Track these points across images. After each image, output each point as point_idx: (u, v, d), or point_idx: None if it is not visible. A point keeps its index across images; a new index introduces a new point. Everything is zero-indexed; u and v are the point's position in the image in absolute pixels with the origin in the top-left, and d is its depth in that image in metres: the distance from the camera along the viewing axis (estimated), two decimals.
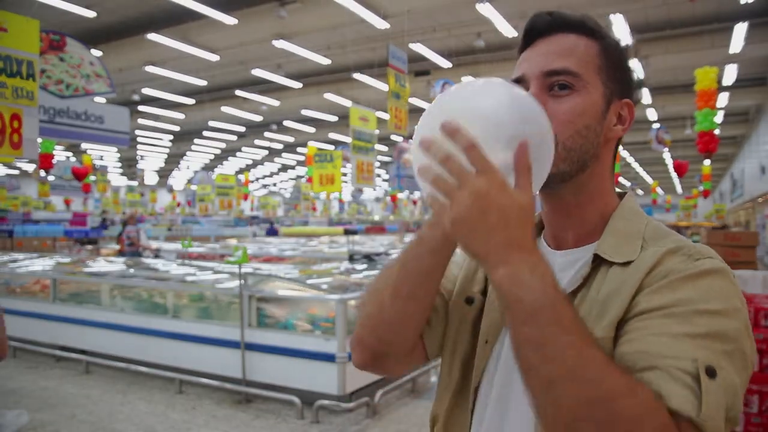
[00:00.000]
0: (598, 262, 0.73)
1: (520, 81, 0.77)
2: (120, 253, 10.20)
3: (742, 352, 0.62)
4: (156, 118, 19.22)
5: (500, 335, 0.80)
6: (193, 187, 23.97)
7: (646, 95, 15.05)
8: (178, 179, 36.40)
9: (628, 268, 0.70)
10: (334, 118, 19.16)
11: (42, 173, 17.87)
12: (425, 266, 0.77)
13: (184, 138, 23.71)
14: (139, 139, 23.13)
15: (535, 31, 0.79)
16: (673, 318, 0.62)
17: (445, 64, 12.47)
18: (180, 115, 18.64)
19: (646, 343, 0.61)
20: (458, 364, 0.85)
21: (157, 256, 9.94)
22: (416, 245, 0.78)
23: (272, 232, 19.77)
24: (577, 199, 0.78)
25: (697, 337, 0.60)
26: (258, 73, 13.69)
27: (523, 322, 0.59)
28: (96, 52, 7.89)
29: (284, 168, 34.19)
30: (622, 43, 0.79)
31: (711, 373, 0.58)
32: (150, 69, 13.36)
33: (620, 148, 0.90)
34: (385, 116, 8.85)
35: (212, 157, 29.37)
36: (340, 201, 35.30)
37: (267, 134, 22.64)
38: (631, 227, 0.75)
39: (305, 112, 18.59)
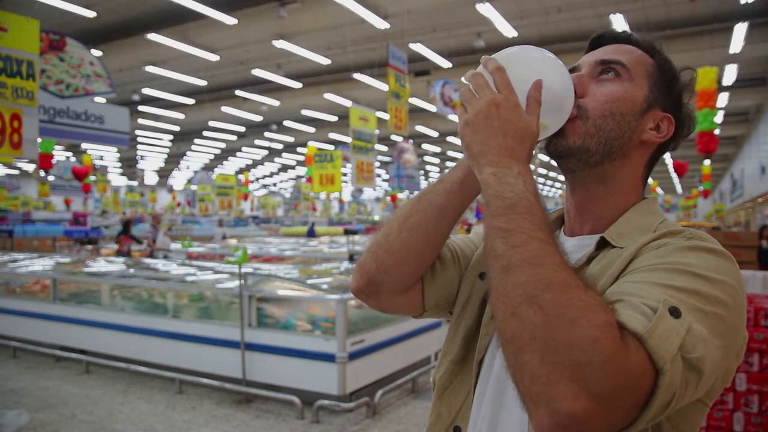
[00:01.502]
0: (602, 243, 0.75)
1: (575, 70, 0.82)
2: (119, 254, 10.17)
3: (722, 321, 0.60)
4: (156, 118, 19.22)
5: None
6: (193, 187, 23.99)
7: None
8: (178, 179, 36.40)
9: (622, 249, 0.72)
10: (334, 118, 19.16)
11: (42, 173, 17.88)
12: (438, 202, 0.82)
13: (184, 138, 23.71)
14: (139, 139, 23.14)
15: (601, 39, 0.85)
16: (655, 271, 0.63)
17: (445, 64, 12.47)
18: (180, 115, 18.64)
19: (622, 286, 0.63)
20: (461, 335, 0.86)
21: (165, 257, 9.89)
22: (437, 183, 0.84)
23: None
24: (600, 190, 0.79)
25: (672, 288, 0.59)
26: (258, 73, 13.69)
27: (498, 215, 0.62)
28: (96, 52, 7.90)
29: (284, 168, 34.19)
30: (680, 72, 0.83)
31: (673, 311, 0.56)
32: (150, 69, 13.36)
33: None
34: (385, 116, 8.86)
35: (212, 157, 29.37)
36: (340, 201, 35.32)
37: (267, 134, 22.64)
38: (644, 221, 0.77)
39: (305, 112, 18.59)
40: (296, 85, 14.62)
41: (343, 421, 4.17)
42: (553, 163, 0.81)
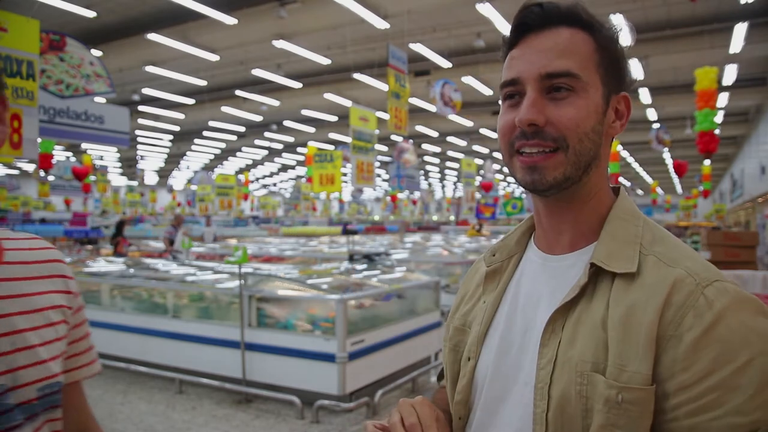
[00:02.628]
0: (595, 269, 0.70)
1: (514, 83, 0.72)
2: (117, 254, 10.14)
3: None
4: (156, 118, 19.22)
5: (480, 351, 0.79)
6: (193, 187, 23.99)
7: (645, 95, 15.04)
8: (178, 179, 36.40)
9: (633, 286, 0.66)
10: (334, 118, 19.16)
11: (42, 173, 17.88)
12: None
13: (184, 138, 23.71)
14: (139, 139, 23.13)
15: (525, 26, 0.73)
16: (727, 394, 0.59)
17: (445, 64, 12.47)
18: (180, 115, 18.63)
19: None
20: (449, 385, 0.86)
21: (174, 258, 9.75)
22: None
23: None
24: (575, 201, 0.75)
25: (757, 409, 0.58)
26: (258, 73, 13.69)
27: None
28: (96, 52, 7.89)
29: (284, 168, 34.18)
30: (617, 32, 0.74)
31: None
32: (150, 69, 13.35)
33: (620, 147, 0.91)
34: (385, 116, 8.85)
35: (212, 157, 29.36)
36: (340, 201, 35.32)
37: (267, 134, 22.64)
38: (627, 230, 0.72)
39: (305, 112, 18.59)
40: (296, 85, 14.62)
41: (343, 421, 4.17)
42: None
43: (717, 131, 8.84)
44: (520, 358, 0.73)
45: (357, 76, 13.37)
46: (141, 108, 17.47)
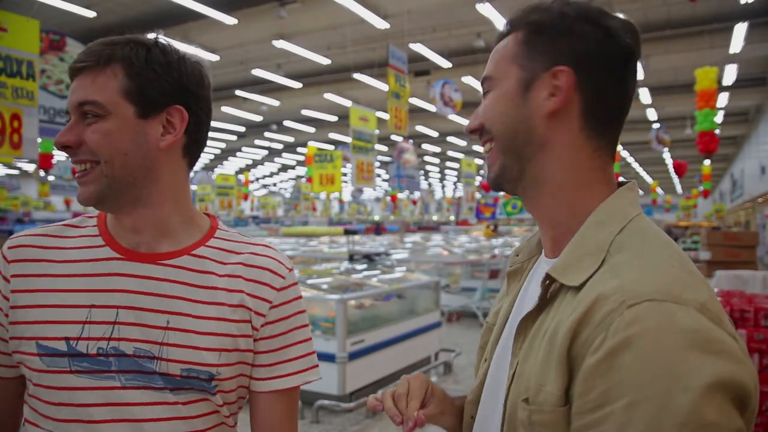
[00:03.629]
0: (550, 281, 0.65)
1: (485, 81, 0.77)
2: None
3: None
4: None
5: (493, 355, 0.78)
6: (193, 187, 23.98)
7: (645, 95, 15.04)
8: None
9: (573, 298, 0.62)
10: (334, 118, 19.17)
11: (42, 173, 17.88)
12: None
13: None
14: None
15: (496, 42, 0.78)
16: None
17: (445, 64, 12.47)
18: None
19: None
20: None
21: None
22: None
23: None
24: (538, 197, 0.71)
25: None
26: (258, 73, 13.70)
27: None
28: None
29: (284, 168, 34.19)
30: (571, 7, 0.70)
31: None
32: None
33: (620, 147, 0.89)
34: (385, 116, 8.85)
35: (212, 157, 29.38)
36: (340, 201, 35.33)
37: (267, 134, 22.65)
38: (597, 236, 0.65)
39: (305, 112, 18.60)
40: (296, 85, 14.62)
41: (342, 421, 4.17)
42: None
43: (717, 131, 8.84)
44: (507, 364, 0.72)
45: (357, 76, 13.37)
46: None
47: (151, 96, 0.82)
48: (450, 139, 22.58)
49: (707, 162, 20.49)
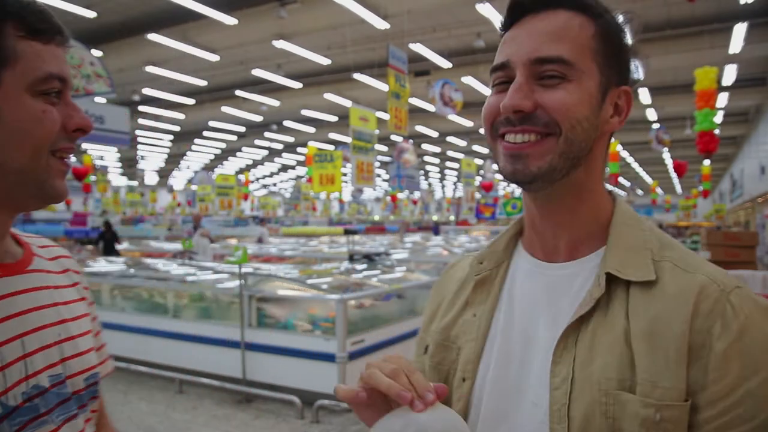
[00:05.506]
0: (608, 279, 0.65)
1: (504, 67, 0.68)
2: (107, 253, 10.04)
3: None
4: (156, 118, 19.22)
5: (478, 371, 0.72)
6: (194, 187, 23.99)
7: (645, 95, 15.04)
8: (178, 179, 36.41)
9: (653, 295, 0.63)
10: (334, 118, 19.17)
11: None
12: None
13: (184, 138, 23.71)
14: (139, 139, 23.14)
15: (521, 6, 0.68)
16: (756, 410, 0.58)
17: (445, 64, 12.47)
18: (180, 115, 18.64)
19: None
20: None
21: (191, 258, 9.53)
22: None
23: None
24: (569, 200, 0.70)
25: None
26: (258, 73, 13.69)
27: None
28: (96, 53, 7.89)
29: (284, 168, 34.19)
30: (621, 21, 0.69)
31: None
32: (150, 69, 13.36)
33: (620, 147, 0.88)
34: (385, 116, 8.85)
35: (212, 157, 29.37)
36: (340, 201, 35.32)
37: (267, 134, 22.65)
38: (634, 237, 0.68)
39: (305, 112, 18.60)
40: (296, 85, 14.62)
41: (343, 421, 4.18)
42: None
43: (717, 131, 8.84)
44: (522, 376, 0.68)
45: (357, 76, 13.38)
46: (141, 108, 17.47)
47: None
48: (450, 139, 22.57)
49: (707, 162, 20.49)
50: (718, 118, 13.40)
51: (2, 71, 0.64)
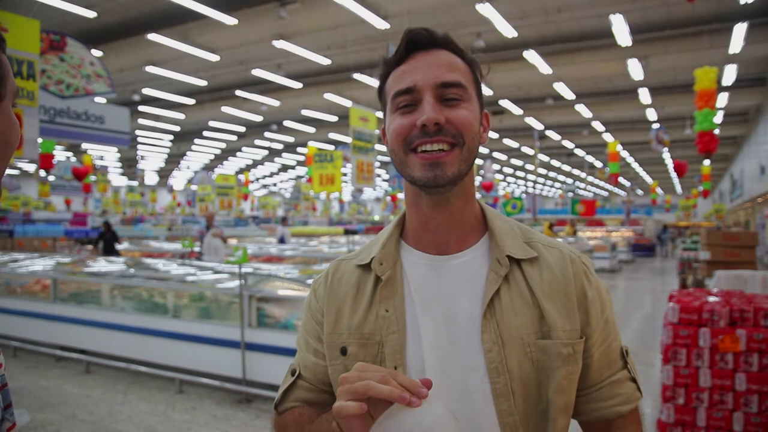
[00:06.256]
0: (509, 259, 0.84)
1: (409, 92, 0.81)
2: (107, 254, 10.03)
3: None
4: (156, 118, 19.23)
5: (406, 357, 0.81)
6: (194, 187, 23.98)
7: (645, 95, 15.04)
8: (178, 179, 36.40)
9: (539, 266, 0.84)
10: (334, 118, 19.16)
11: (42, 173, 17.88)
12: None
13: (184, 138, 23.71)
14: (139, 139, 23.14)
15: (415, 44, 0.84)
16: (613, 334, 0.89)
17: None
18: (180, 115, 18.64)
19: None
20: None
21: (198, 259, 9.39)
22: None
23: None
24: (460, 202, 0.85)
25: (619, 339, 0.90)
26: (258, 73, 13.69)
27: None
28: (96, 53, 7.89)
29: (284, 168, 34.19)
30: (476, 61, 0.88)
31: (624, 353, 0.89)
32: (150, 69, 13.36)
33: (620, 147, 1.04)
34: None
35: (212, 157, 29.37)
36: (340, 201, 35.32)
37: (267, 134, 22.64)
38: (508, 226, 0.89)
39: (305, 112, 18.60)
40: (296, 85, 14.62)
41: None
42: (554, 162, 0.86)
43: (717, 131, 8.83)
44: (455, 350, 0.80)
45: (357, 76, 13.38)
46: (141, 108, 17.47)
47: None
48: None
49: (707, 162, 20.49)
50: (718, 118, 13.40)
51: (2, 88, 0.70)
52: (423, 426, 0.60)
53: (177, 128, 21.55)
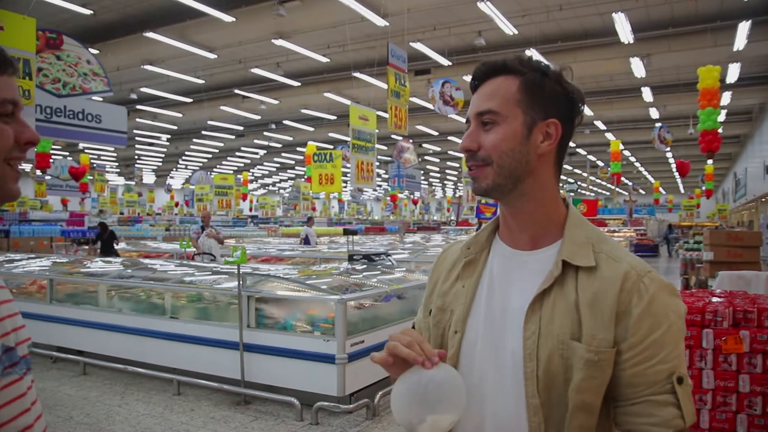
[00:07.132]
0: (563, 264, 0.93)
1: (468, 121, 0.99)
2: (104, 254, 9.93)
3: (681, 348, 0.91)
4: (154, 117, 19.17)
5: (466, 326, 0.98)
6: (192, 187, 23.92)
7: (648, 94, 14.98)
8: (176, 179, 36.36)
9: (594, 276, 0.91)
10: (333, 117, 19.12)
11: (39, 173, 17.81)
12: None
13: (182, 137, 23.67)
14: (137, 139, 23.08)
15: (476, 80, 0.99)
16: (659, 347, 0.88)
17: (445, 62, 12.41)
18: (178, 114, 18.60)
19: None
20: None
21: (193, 259, 9.22)
22: None
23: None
24: (525, 205, 0.97)
25: (676, 359, 0.89)
26: (257, 71, 13.64)
27: None
28: (93, 51, 7.83)
29: (283, 167, 34.14)
30: (549, 71, 0.96)
31: (679, 380, 0.87)
32: (148, 67, 13.30)
33: (622, 147, 0.99)
34: (385, 115, 8.79)
35: (211, 156, 29.32)
36: (340, 201, 35.27)
37: (266, 133, 22.60)
38: (582, 234, 0.96)
39: (304, 111, 18.55)
40: (295, 83, 14.57)
41: (342, 423, 4.12)
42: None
43: (720, 130, 8.77)
44: (503, 332, 0.94)
45: (357, 74, 13.33)
46: (139, 107, 17.42)
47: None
48: (451, 138, 22.53)
49: (710, 161, 20.43)
50: (721, 116, 13.34)
51: None
52: (436, 381, 0.81)
53: (175, 127, 21.51)
